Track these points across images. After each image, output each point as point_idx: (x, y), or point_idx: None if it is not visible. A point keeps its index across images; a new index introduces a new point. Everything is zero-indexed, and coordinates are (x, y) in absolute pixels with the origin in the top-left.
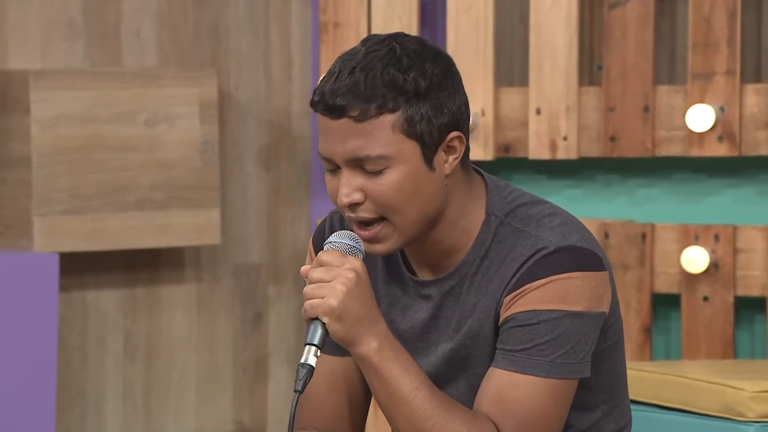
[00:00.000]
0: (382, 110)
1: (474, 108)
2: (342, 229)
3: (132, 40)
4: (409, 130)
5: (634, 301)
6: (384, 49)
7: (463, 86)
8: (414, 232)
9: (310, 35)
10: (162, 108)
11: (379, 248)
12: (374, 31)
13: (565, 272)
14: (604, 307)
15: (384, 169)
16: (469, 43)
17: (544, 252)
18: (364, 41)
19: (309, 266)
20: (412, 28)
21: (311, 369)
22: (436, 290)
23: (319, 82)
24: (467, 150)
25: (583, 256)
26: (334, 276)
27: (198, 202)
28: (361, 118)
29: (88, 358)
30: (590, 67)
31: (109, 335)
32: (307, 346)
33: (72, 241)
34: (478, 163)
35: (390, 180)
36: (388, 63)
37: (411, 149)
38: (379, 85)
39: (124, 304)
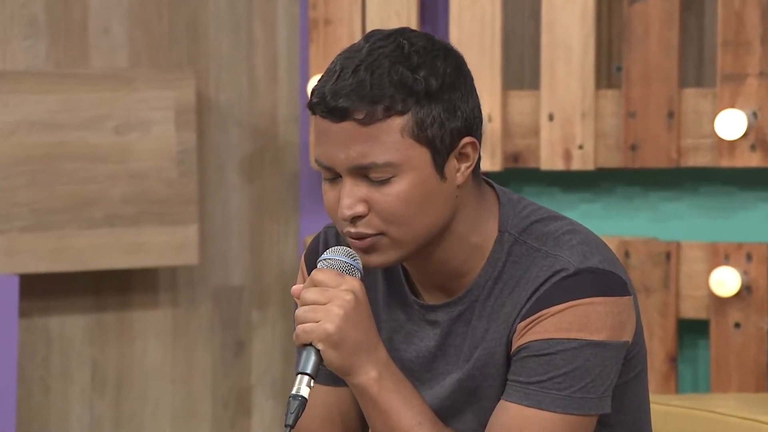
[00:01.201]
0: (390, 112)
1: None
2: (338, 245)
3: (100, 39)
4: (420, 134)
5: (657, 327)
6: (390, 46)
7: (475, 88)
8: (414, 247)
9: (298, 33)
10: (134, 113)
11: (375, 260)
12: (369, 29)
13: (585, 297)
14: (628, 336)
15: (391, 177)
16: (474, 42)
17: (562, 274)
18: (367, 37)
19: (301, 286)
20: (410, 26)
21: (304, 401)
22: (443, 315)
23: (317, 82)
24: (479, 158)
25: (606, 280)
26: (330, 298)
27: (174, 217)
28: (367, 121)
29: (51, 391)
30: (608, 68)
31: (75, 365)
32: (299, 375)
33: (34, 261)
34: (484, 173)
35: (397, 190)
36: (396, 61)
37: (421, 156)
38: (387, 85)
39: (91, 330)
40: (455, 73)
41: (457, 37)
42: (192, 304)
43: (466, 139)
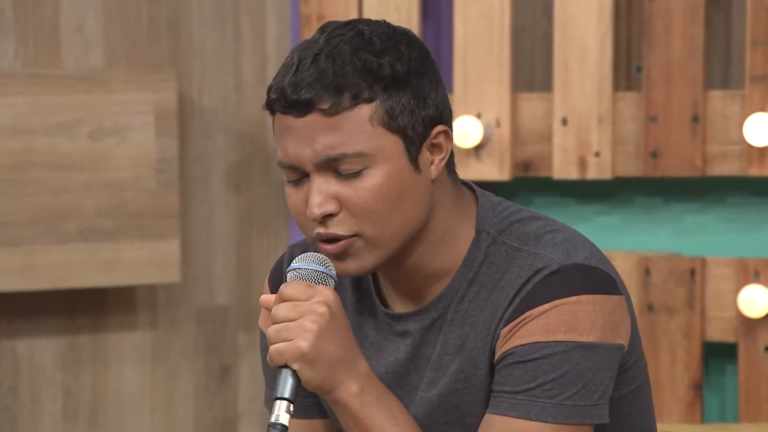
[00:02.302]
0: (357, 100)
1: (487, 118)
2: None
3: (73, 36)
4: (390, 122)
5: (681, 351)
6: (349, 33)
7: (440, 76)
8: (391, 250)
9: (290, 30)
10: (110, 118)
11: (350, 266)
12: None
13: (571, 295)
14: (621, 339)
15: (362, 170)
16: (481, 41)
17: (545, 272)
18: (322, 28)
19: (270, 296)
20: (411, 22)
21: (284, 429)
22: (414, 324)
23: (273, 80)
24: (452, 153)
25: (593, 276)
26: (302, 313)
27: (153, 231)
28: (333, 111)
29: (18, 421)
30: (627, 68)
31: (45, 393)
32: (277, 401)
33: (1, 279)
34: (491, 184)
35: (371, 183)
36: (358, 47)
37: (393, 145)
38: (351, 72)
39: (63, 355)
40: (421, 60)
41: (463, 35)
42: (173, 326)
43: (439, 128)
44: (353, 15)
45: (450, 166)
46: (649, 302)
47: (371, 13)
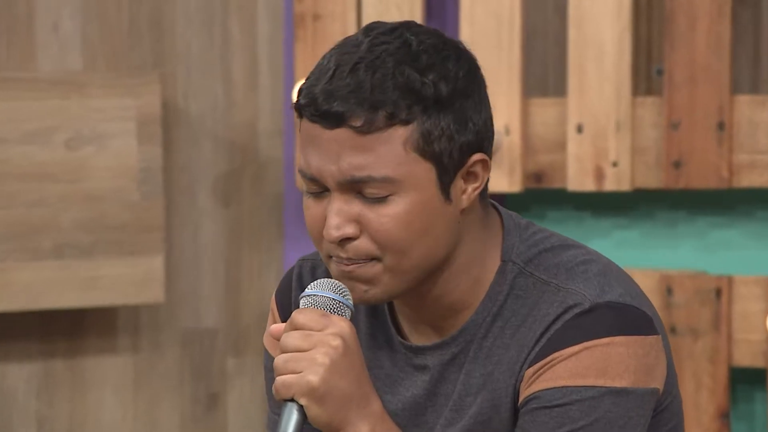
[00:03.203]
0: (393, 121)
1: (497, 125)
2: (315, 279)
3: (49, 37)
4: (425, 148)
5: (706, 377)
6: (395, 42)
7: (488, 96)
8: (411, 280)
9: (282, 30)
10: (88, 125)
11: (368, 293)
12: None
13: (603, 336)
14: (657, 383)
15: (388, 195)
16: (489, 41)
17: (576, 310)
18: (367, 30)
19: (281, 325)
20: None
21: None
22: (433, 359)
23: (306, 81)
24: (487, 180)
25: (628, 315)
26: (314, 344)
27: (135, 247)
28: (366, 129)
29: None
30: (647, 70)
31: (18, 422)
32: None
33: None
34: (501, 195)
35: (395, 210)
36: (402, 60)
37: (425, 173)
38: (391, 88)
39: (37, 381)
40: (468, 78)
41: (469, 35)
42: (156, 349)
43: (476, 156)
44: (351, 13)
45: (483, 193)
46: (671, 324)
47: (371, 11)
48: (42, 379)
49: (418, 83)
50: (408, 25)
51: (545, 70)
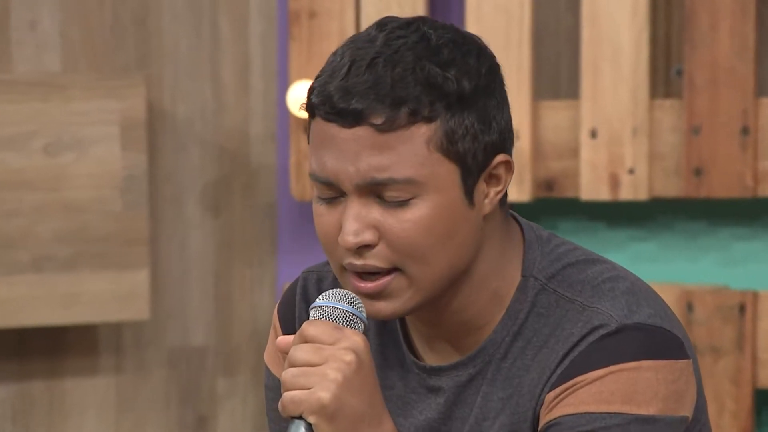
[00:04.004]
0: (415, 118)
1: None
2: (321, 293)
3: (26, 35)
4: (449, 147)
5: (729, 399)
6: (413, 36)
7: (507, 96)
8: (433, 292)
9: (276, 29)
10: (68, 129)
11: (385, 308)
12: (365, 24)
13: (631, 360)
14: (686, 410)
15: (410, 199)
16: (496, 40)
17: (602, 331)
18: (380, 25)
19: (289, 338)
20: None
21: None
22: (449, 380)
23: (318, 79)
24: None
25: (657, 338)
26: (326, 358)
27: (119, 260)
28: (387, 127)
29: None
30: (666, 72)
31: None
32: None
33: None
34: (511, 204)
35: (417, 215)
36: (422, 55)
37: (448, 174)
38: (413, 84)
39: (13, 404)
40: (490, 76)
41: (475, 33)
42: (141, 370)
43: (500, 157)
44: (350, 12)
45: (503, 199)
46: (692, 342)
47: (370, 8)
48: (18, 402)
49: (440, 78)
50: (423, 20)
51: (557, 70)
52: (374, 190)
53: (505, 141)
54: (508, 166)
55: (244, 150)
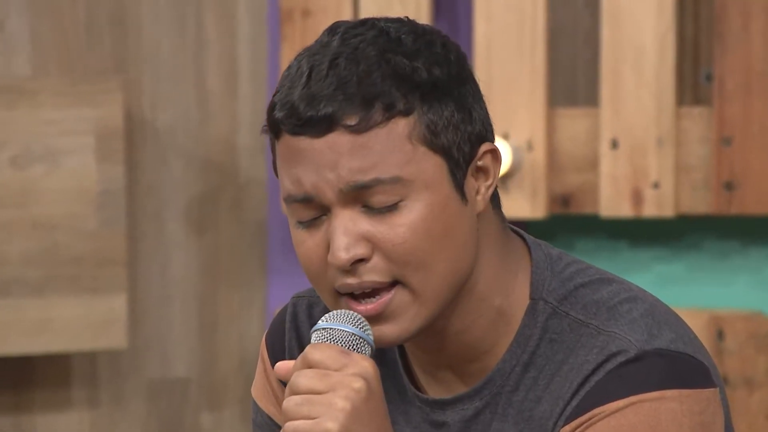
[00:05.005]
0: (391, 112)
1: (517, 139)
2: (312, 323)
3: None
4: (433, 139)
5: None
6: (370, 32)
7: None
8: (438, 305)
9: (266, 29)
10: (39, 140)
11: (390, 332)
12: None
13: (653, 390)
14: None
15: (399, 202)
16: (508, 42)
17: (620, 358)
18: (332, 30)
19: (288, 363)
20: (421, 18)
21: None
22: (454, 414)
23: (276, 94)
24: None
25: (681, 365)
26: (332, 386)
27: (94, 283)
28: (362, 127)
29: None
30: (694, 76)
31: None
32: None
33: None
34: (522, 222)
35: (411, 217)
36: (385, 48)
37: (436, 170)
38: (380, 78)
39: None
40: (460, 63)
41: (485, 35)
42: (118, 403)
43: (485, 146)
44: (347, 10)
45: (495, 199)
46: (722, 373)
47: (370, 6)
48: None
49: (408, 69)
50: (375, 19)
51: (574, 76)
52: (359, 198)
53: (487, 130)
54: (495, 155)
55: (231, 162)
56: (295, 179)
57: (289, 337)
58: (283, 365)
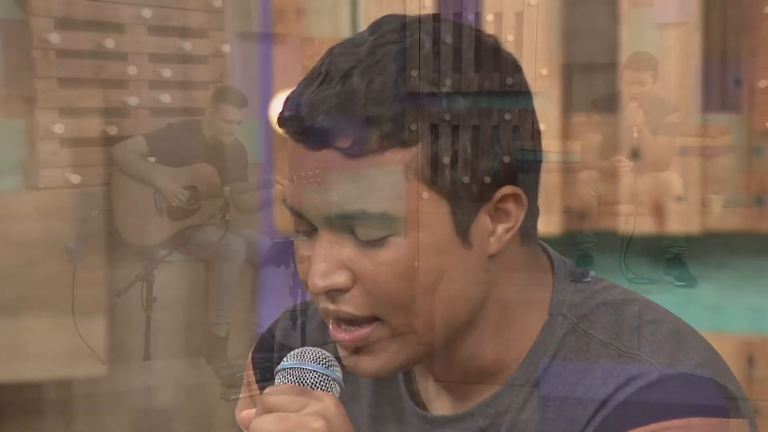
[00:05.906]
0: (389, 141)
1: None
2: (305, 339)
3: None
4: (433, 176)
5: None
6: (404, 42)
7: (533, 111)
8: (427, 346)
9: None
10: None
11: (368, 365)
12: (363, 23)
13: (677, 418)
14: None
15: (387, 237)
16: (517, 42)
17: (641, 382)
18: (375, 26)
19: (250, 412)
20: (424, 10)
21: None
22: None
23: (295, 89)
24: (534, 213)
25: (707, 392)
26: (290, 428)
27: (70, 306)
28: (355, 151)
29: None
30: (722, 81)
31: None
32: None
33: None
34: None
35: (394, 257)
36: (409, 64)
37: (435, 209)
38: (390, 101)
39: None
40: (509, 85)
41: (493, 33)
42: None
43: (506, 190)
44: (345, 8)
45: (526, 231)
46: (753, 403)
47: (369, 4)
48: None
49: (426, 92)
50: (425, 20)
51: (591, 78)
52: (345, 225)
53: (514, 169)
54: (518, 199)
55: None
56: (292, 191)
57: (277, 355)
58: (244, 415)
